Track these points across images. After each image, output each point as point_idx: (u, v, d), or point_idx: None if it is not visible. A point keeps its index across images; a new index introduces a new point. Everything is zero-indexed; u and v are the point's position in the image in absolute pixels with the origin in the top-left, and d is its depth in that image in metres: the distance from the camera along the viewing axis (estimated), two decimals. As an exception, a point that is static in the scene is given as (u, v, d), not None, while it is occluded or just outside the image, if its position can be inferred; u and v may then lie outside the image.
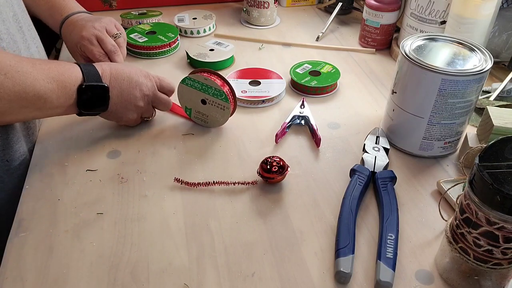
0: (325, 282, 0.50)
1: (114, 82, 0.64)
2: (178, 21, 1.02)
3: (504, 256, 0.44)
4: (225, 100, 0.68)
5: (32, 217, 0.57)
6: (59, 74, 0.58)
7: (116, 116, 0.68)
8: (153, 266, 0.51)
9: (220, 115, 0.70)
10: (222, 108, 0.69)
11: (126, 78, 0.65)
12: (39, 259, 0.52)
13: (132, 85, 0.66)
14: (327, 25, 1.03)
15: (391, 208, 0.56)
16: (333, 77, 0.82)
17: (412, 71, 0.61)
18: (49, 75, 0.57)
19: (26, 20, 0.73)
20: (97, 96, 0.63)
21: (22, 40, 0.69)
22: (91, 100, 0.62)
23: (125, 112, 0.67)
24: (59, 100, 0.59)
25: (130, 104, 0.66)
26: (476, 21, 0.76)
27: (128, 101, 0.66)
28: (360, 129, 0.73)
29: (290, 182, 0.62)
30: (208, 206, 0.59)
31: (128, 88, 0.65)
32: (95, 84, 0.62)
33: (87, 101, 0.62)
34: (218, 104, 0.69)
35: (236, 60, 0.92)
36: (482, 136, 0.63)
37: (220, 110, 0.69)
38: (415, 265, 0.52)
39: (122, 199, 0.59)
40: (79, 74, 0.61)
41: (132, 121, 0.69)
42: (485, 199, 0.41)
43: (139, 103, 0.67)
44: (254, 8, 1.03)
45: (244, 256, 0.53)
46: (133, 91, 0.66)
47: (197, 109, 0.71)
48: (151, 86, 0.68)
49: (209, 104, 0.69)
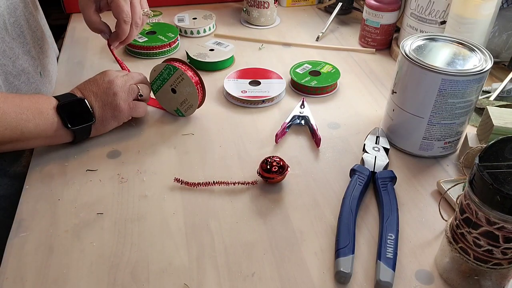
0: (325, 282, 0.50)
1: (84, 91, 0.65)
2: (178, 21, 1.02)
3: (504, 256, 0.44)
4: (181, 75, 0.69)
5: (32, 217, 0.57)
6: (32, 103, 0.59)
7: (110, 117, 0.67)
8: (153, 266, 0.51)
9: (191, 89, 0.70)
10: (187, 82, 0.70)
11: (92, 83, 0.66)
12: (39, 259, 0.52)
13: (99, 82, 0.66)
14: (327, 25, 1.03)
15: (391, 208, 0.56)
16: (333, 77, 0.82)
17: (412, 71, 0.61)
18: (21, 105, 0.58)
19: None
20: (79, 109, 0.63)
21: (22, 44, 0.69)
22: (75, 114, 0.63)
23: (112, 106, 0.66)
24: (38, 128, 0.59)
25: (110, 97, 0.66)
26: (476, 21, 0.76)
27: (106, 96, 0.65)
28: (360, 129, 0.73)
29: (290, 182, 0.62)
30: (208, 206, 0.59)
31: (97, 87, 0.65)
32: (71, 100, 0.63)
33: (72, 116, 0.62)
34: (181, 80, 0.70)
35: (236, 60, 0.92)
36: (482, 136, 0.63)
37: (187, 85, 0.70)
38: (415, 265, 0.52)
39: (122, 199, 0.59)
40: (51, 98, 0.62)
41: (125, 108, 0.67)
42: (485, 199, 0.41)
43: (116, 90, 0.66)
44: (254, 8, 1.03)
45: (244, 256, 0.53)
46: (102, 85, 0.66)
47: (178, 102, 0.72)
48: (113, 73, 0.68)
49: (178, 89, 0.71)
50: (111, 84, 0.66)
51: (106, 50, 0.94)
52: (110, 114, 0.66)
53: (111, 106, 0.66)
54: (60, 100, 0.62)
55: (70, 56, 0.91)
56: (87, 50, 0.94)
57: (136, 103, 0.69)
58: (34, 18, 0.75)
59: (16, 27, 0.69)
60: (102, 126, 0.67)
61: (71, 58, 0.91)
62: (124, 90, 0.67)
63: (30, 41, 0.73)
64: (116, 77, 0.67)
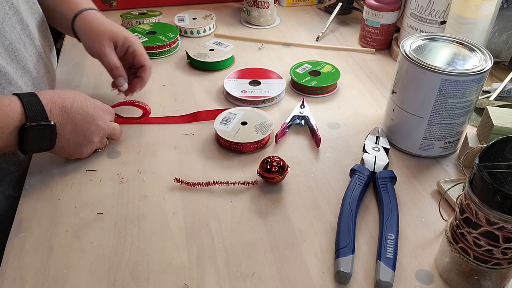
0: (325, 282, 0.50)
1: (66, 116, 0.57)
2: (178, 21, 1.02)
3: (504, 256, 0.44)
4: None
5: (32, 217, 0.57)
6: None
7: (66, 152, 0.61)
8: (153, 266, 0.51)
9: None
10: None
11: (81, 112, 0.59)
12: (39, 259, 0.52)
13: (87, 119, 0.60)
14: (327, 25, 1.03)
15: (391, 208, 0.56)
16: (333, 77, 0.82)
17: (412, 71, 0.61)
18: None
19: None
20: (43, 136, 0.55)
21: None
22: (36, 140, 0.55)
23: (77, 148, 0.61)
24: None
25: (85, 140, 0.61)
26: (476, 21, 0.76)
27: (82, 136, 0.60)
28: (360, 129, 0.73)
29: (290, 182, 0.62)
30: (208, 206, 0.59)
31: (82, 123, 0.59)
32: (40, 124, 0.54)
33: (31, 142, 0.54)
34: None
35: (236, 60, 0.92)
36: (482, 136, 0.63)
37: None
38: (415, 265, 0.52)
39: (122, 199, 0.59)
40: (16, 113, 0.52)
41: (84, 155, 0.63)
42: (485, 199, 0.41)
43: (94, 138, 0.62)
44: (254, 8, 1.03)
45: (244, 256, 0.53)
46: (88, 126, 0.60)
47: None
48: (107, 118, 0.64)
49: None
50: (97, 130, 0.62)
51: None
52: (71, 152, 0.61)
53: (76, 148, 0.61)
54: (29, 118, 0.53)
55: (70, 56, 0.91)
56: (87, 50, 0.94)
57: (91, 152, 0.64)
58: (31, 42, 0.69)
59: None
60: (55, 151, 0.60)
61: (71, 58, 0.91)
62: (99, 141, 0.63)
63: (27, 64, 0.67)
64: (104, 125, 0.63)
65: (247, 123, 0.69)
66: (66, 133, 0.58)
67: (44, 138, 0.56)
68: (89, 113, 0.60)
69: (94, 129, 0.61)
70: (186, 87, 0.83)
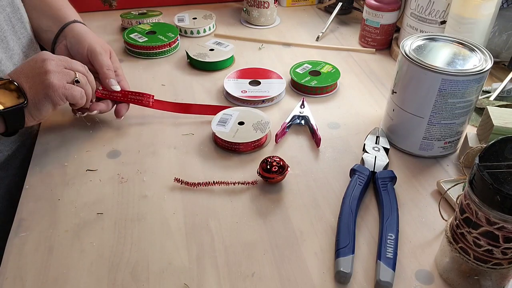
0: (325, 282, 0.50)
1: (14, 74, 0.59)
2: (178, 21, 1.02)
3: (504, 256, 0.44)
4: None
5: (32, 217, 0.57)
6: None
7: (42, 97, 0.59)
8: (153, 266, 0.51)
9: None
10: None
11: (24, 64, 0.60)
12: (39, 259, 0.52)
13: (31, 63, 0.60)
14: (327, 25, 1.03)
15: (391, 208, 0.56)
16: (333, 77, 0.82)
17: (412, 71, 0.61)
18: None
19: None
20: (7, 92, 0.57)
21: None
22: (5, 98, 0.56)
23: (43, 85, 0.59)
24: None
25: (41, 75, 0.59)
26: (476, 21, 0.76)
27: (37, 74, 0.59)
28: (360, 129, 0.73)
29: (290, 182, 0.62)
30: (208, 206, 0.59)
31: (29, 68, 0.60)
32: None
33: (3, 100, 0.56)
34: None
35: (236, 60, 0.92)
36: (482, 136, 0.63)
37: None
38: (415, 265, 0.52)
39: (122, 199, 0.59)
40: None
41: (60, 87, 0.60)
42: (485, 199, 0.41)
43: (48, 67, 0.59)
44: (254, 8, 1.03)
45: (244, 256, 0.53)
46: (35, 65, 0.60)
47: None
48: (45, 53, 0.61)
49: None
50: (44, 62, 0.60)
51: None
52: (42, 94, 0.59)
53: (42, 85, 0.59)
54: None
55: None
56: (87, 50, 0.94)
57: (71, 86, 0.61)
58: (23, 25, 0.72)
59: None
60: (36, 109, 0.59)
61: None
62: (59, 70, 0.61)
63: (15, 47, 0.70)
64: (50, 57, 0.61)
65: (244, 122, 0.69)
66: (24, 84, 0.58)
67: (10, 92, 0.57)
68: (30, 59, 0.60)
69: (41, 63, 0.60)
70: (186, 87, 0.83)
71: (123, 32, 0.95)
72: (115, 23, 1.05)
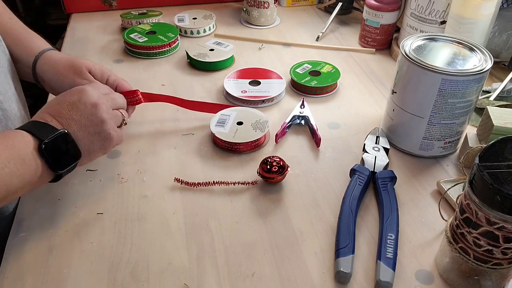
0: (325, 282, 0.50)
1: (62, 120, 0.53)
2: (178, 21, 1.02)
3: (504, 256, 0.44)
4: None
5: (32, 217, 0.57)
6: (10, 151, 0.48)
7: (98, 148, 0.56)
8: (153, 266, 0.51)
9: None
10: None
11: (68, 105, 0.54)
12: (39, 259, 0.52)
13: (78, 107, 0.54)
14: (327, 25, 1.03)
15: (391, 208, 0.56)
16: (333, 77, 0.82)
17: (412, 71, 0.61)
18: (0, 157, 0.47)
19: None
20: (64, 147, 0.52)
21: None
22: (61, 154, 0.52)
23: (99, 137, 0.56)
24: (24, 179, 0.49)
25: (95, 124, 0.55)
26: (476, 21, 0.76)
27: (90, 123, 0.55)
28: (360, 129, 0.73)
29: (290, 182, 0.62)
30: (208, 206, 0.59)
31: (78, 113, 0.54)
32: (53, 138, 0.51)
33: (58, 157, 0.52)
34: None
35: (236, 60, 0.92)
36: (482, 136, 0.63)
37: None
38: (415, 265, 0.52)
39: (122, 199, 0.59)
40: (28, 137, 0.50)
41: (114, 136, 0.57)
42: (485, 199, 0.41)
43: (102, 116, 0.55)
44: (254, 8, 1.03)
45: (244, 256, 0.53)
46: (85, 111, 0.55)
47: None
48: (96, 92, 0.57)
49: None
50: (96, 108, 0.55)
51: (106, 50, 0.94)
52: (99, 146, 0.56)
53: (100, 137, 0.55)
54: (39, 137, 0.50)
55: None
56: (87, 50, 0.94)
57: (122, 132, 0.59)
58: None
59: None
60: (87, 159, 0.56)
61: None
62: (110, 116, 0.57)
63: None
64: (99, 99, 0.56)
65: (243, 122, 0.69)
66: (77, 134, 0.54)
67: (66, 148, 0.52)
68: (75, 101, 0.55)
69: (93, 110, 0.55)
70: (186, 87, 0.83)
71: (123, 32, 0.95)
72: (115, 23, 1.05)
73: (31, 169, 0.49)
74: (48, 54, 0.68)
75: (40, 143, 0.50)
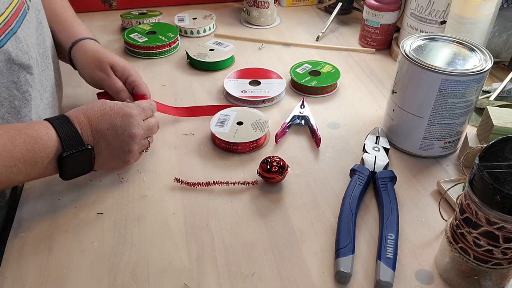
0: (325, 282, 0.50)
1: (97, 135, 0.55)
2: (178, 21, 1.02)
3: (504, 256, 0.44)
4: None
5: (32, 217, 0.57)
6: (26, 153, 0.49)
7: (110, 167, 0.61)
8: (153, 266, 0.51)
9: None
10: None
11: (110, 127, 0.56)
12: (39, 259, 0.52)
13: (118, 132, 0.56)
14: (327, 25, 1.03)
15: (391, 208, 0.56)
16: (333, 77, 0.82)
17: (412, 71, 0.61)
18: (13, 156, 0.48)
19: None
20: (82, 160, 0.54)
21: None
22: (76, 167, 0.54)
23: (118, 161, 0.59)
24: (28, 177, 0.52)
25: (123, 152, 0.58)
26: (476, 21, 0.76)
27: (119, 149, 0.57)
28: (360, 129, 0.73)
29: (290, 182, 0.62)
30: (208, 206, 0.59)
31: (114, 137, 0.56)
32: (77, 152, 0.53)
33: (72, 169, 0.54)
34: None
35: (236, 60, 0.92)
36: (482, 136, 0.63)
37: None
38: (415, 265, 0.52)
39: (122, 199, 0.59)
40: (53, 141, 0.51)
41: (131, 163, 0.61)
42: (485, 199, 0.41)
43: (132, 147, 0.58)
44: (254, 8, 1.03)
45: (244, 256, 0.53)
46: (121, 138, 0.57)
47: None
48: (139, 122, 0.59)
49: None
50: (132, 139, 0.58)
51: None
52: (113, 165, 0.60)
53: (119, 160, 0.59)
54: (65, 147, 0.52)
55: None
56: (87, 50, 0.94)
57: (139, 156, 0.62)
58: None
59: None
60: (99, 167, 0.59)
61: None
62: (140, 146, 0.60)
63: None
64: (138, 130, 0.58)
65: (243, 122, 0.69)
66: (101, 151, 0.56)
67: (83, 162, 0.55)
68: (117, 125, 0.56)
69: (128, 140, 0.57)
70: (186, 87, 0.83)
71: (123, 32, 0.95)
72: (115, 23, 1.05)
73: (40, 171, 0.52)
74: (83, 43, 0.72)
75: (63, 152, 0.52)
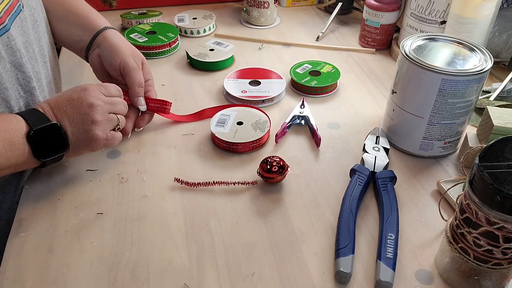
0: (325, 282, 0.50)
1: (58, 113, 0.57)
2: (178, 21, 1.02)
3: (504, 256, 0.44)
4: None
5: (32, 217, 0.57)
6: (1, 133, 0.52)
7: (84, 146, 0.59)
8: (153, 266, 0.51)
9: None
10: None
11: (67, 102, 0.57)
12: (39, 259, 0.52)
13: (76, 104, 0.57)
14: (327, 25, 1.03)
15: (391, 208, 0.56)
16: (333, 77, 0.82)
17: (412, 71, 0.61)
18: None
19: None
20: (52, 137, 0.56)
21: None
22: (47, 144, 0.55)
23: (87, 136, 0.58)
24: (9, 161, 0.52)
25: (87, 124, 0.57)
26: (476, 21, 0.76)
27: (82, 122, 0.57)
28: (360, 129, 0.73)
29: (290, 182, 0.62)
30: (208, 206, 0.59)
31: (73, 110, 0.57)
32: (43, 127, 0.54)
33: (43, 146, 0.55)
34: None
35: (236, 60, 0.92)
36: (482, 136, 0.63)
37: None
38: (415, 265, 0.52)
39: (122, 199, 0.59)
40: (22, 123, 0.54)
41: (103, 139, 0.59)
42: (485, 199, 0.41)
43: (94, 117, 0.58)
44: (254, 8, 1.03)
45: (244, 256, 0.53)
46: (80, 109, 0.57)
47: None
48: (97, 94, 0.59)
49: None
50: (91, 109, 0.57)
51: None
52: (84, 143, 0.58)
53: (87, 135, 0.58)
54: (31, 124, 0.54)
55: (70, 56, 0.91)
56: (87, 50, 0.94)
57: (113, 134, 0.61)
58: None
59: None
60: (73, 153, 0.59)
61: (71, 58, 0.91)
62: (104, 119, 0.59)
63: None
64: (97, 100, 0.58)
65: (243, 122, 0.69)
66: (67, 129, 0.57)
67: (53, 138, 0.56)
68: (74, 98, 0.58)
69: (88, 111, 0.57)
70: (186, 87, 0.83)
71: (123, 32, 0.95)
72: (115, 23, 1.04)
73: (18, 153, 0.53)
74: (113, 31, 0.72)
75: (30, 130, 0.54)
